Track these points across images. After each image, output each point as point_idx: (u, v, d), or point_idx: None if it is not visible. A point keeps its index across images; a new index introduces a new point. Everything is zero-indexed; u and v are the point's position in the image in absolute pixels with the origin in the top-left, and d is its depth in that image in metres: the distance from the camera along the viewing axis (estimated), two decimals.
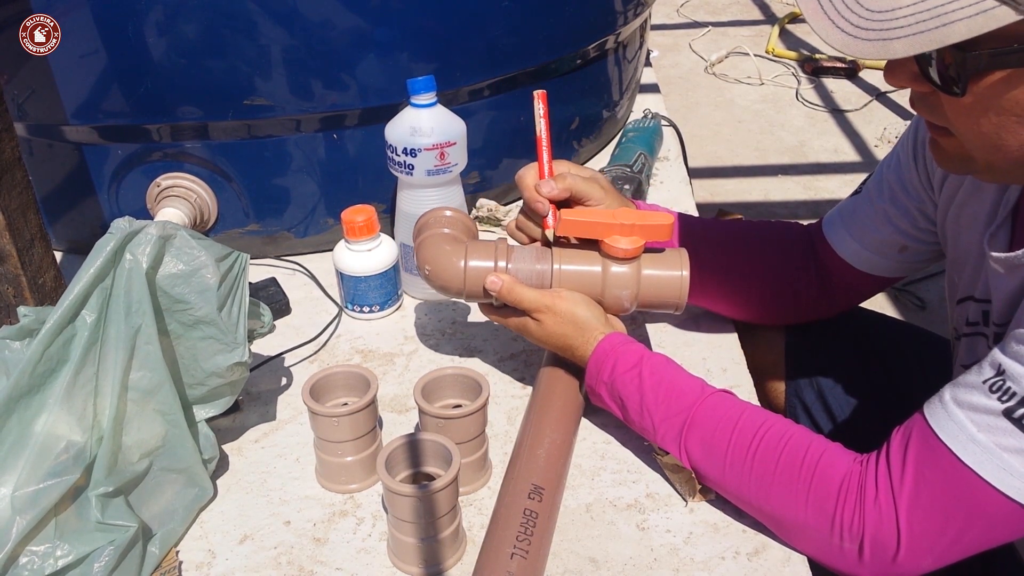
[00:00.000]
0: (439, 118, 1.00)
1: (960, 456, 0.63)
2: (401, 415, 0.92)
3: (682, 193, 1.31)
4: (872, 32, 0.55)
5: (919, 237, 0.87)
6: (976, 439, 0.62)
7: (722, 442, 0.73)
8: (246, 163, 1.09)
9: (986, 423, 0.62)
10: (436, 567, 0.72)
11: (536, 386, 0.87)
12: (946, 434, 0.64)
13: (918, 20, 0.53)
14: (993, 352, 0.64)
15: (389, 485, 0.69)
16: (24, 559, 0.66)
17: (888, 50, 0.54)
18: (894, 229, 0.88)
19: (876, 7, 0.55)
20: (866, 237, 0.90)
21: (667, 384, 0.78)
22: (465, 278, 0.86)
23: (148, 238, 0.73)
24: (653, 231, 0.85)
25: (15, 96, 1.04)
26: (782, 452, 0.71)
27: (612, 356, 0.81)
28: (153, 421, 0.74)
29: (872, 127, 2.90)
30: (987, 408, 0.62)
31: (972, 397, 0.63)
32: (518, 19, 1.12)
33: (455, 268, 0.86)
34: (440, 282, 0.87)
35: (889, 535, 0.65)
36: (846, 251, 0.91)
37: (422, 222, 0.92)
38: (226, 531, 0.78)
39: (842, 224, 0.92)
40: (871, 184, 0.90)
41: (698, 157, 2.69)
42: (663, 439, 0.77)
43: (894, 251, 0.89)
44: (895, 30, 0.54)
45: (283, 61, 1.01)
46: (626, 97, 1.47)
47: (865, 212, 0.90)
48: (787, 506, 0.70)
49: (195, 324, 0.75)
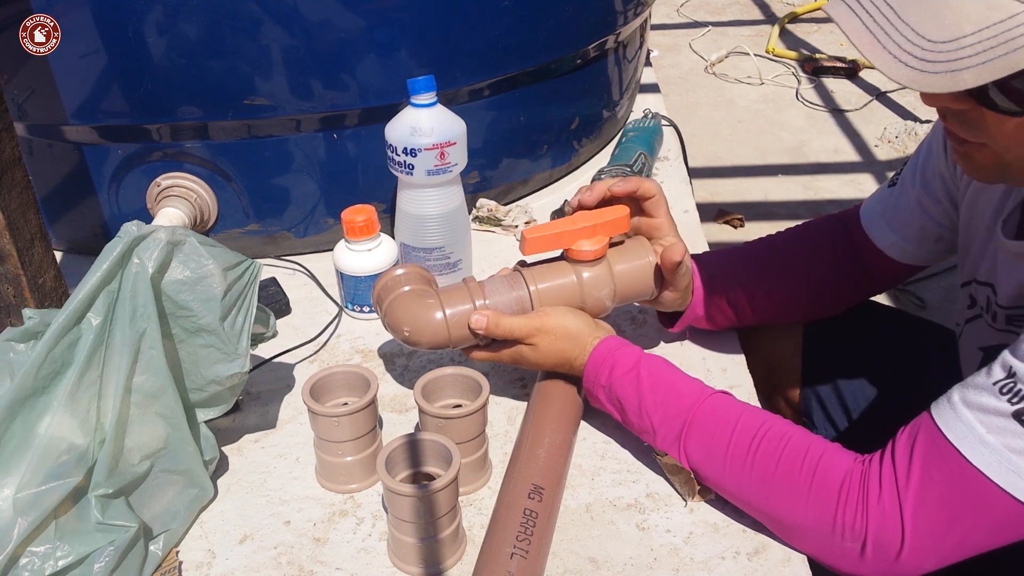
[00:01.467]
0: (439, 118, 1.00)
1: (968, 457, 0.63)
2: (401, 415, 0.92)
3: (682, 193, 1.31)
4: (939, 64, 0.53)
5: (951, 226, 0.88)
6: (985, 440, 0.62)
7: (722, 443, 0.74)
8: (246, 163, 1.10)
9: (995, 425, 0.62)
10: (436, 567, 0.72)
11: (536, 386, 0.87)
12: (954, 435, 0.64)
13: (985, 48, 0.52)
14: (1003, 354, 0.63)
15: (389, 485, 0.69)
16: (24, 560, 0.66)
17: (958, 81, 0.53)
18: (929, 219, 0.89)
19: (938, 37, 0.53)
20: (905, 229, 0.91)
21: (665, 386, 0.78)
22: (448, 327, 0.84)
23: (156, 243, 0.73)
24: (614, 226, 0.86)
25: (15, 96, 1.04)
26: (782, 453, 0.71)
27: (609, 360, 0.81)
28: (155, 424, 0.74)
29: (872, 127, 2.90)
30: (997, 410, 0.62)
31: (981, 398, 0.63)
32: (518, 19, 1.12)
33: (435, 322, 0.84)
34: (424, 339, 0.84)
35: (893, 534, 0.65)
36: (885, 243, 0.92)
37: (378, 292, 0.88)
38: (226, 531, 0.78)
39: (882, 217, 0.93)
40: (906, 175, 0.92)
41: (698, 157, 2.69)
42: (663, 441, 0.77)
43: (931, 241, 0.90)
44: (962, 60, 0.53)
45: (283, 61, 1.01)
46: (626, 97, 1.47)
47: (902, 204, 0.91)
48: (788, 506, 0.70)
49: (197, 331, 0.76)
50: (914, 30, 0.54)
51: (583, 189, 0.88)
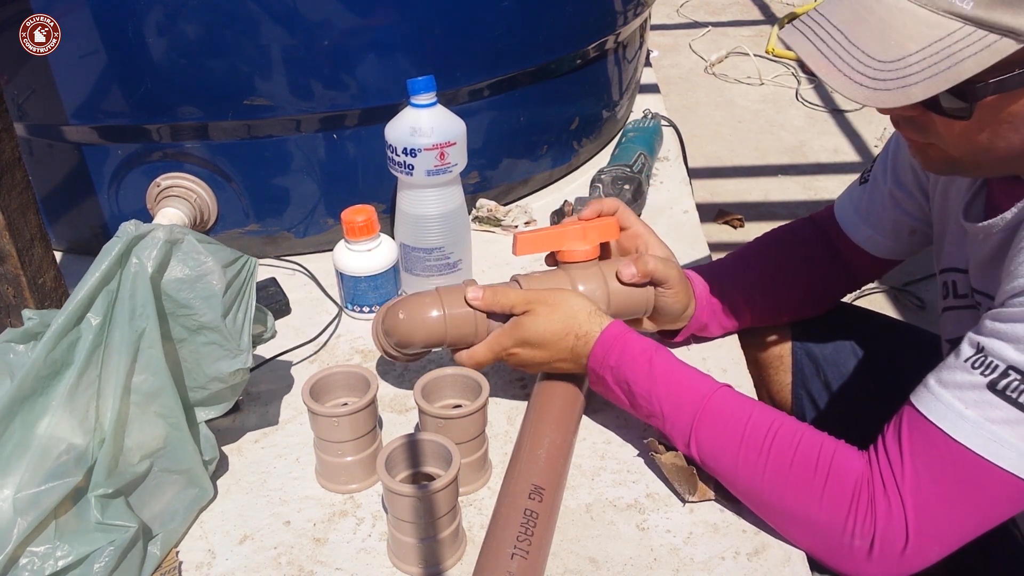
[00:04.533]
0: (439, 118, 1.00)
1: (951, 434, 0.64)
2: (401, 415, 0.92)
3: (682, 193, 1.31)
4: (891, 82, 0.58)
5: (924, 218, 0.90)
6: (964, 415, 0.64)
7: (734, 438, 0.74)
8: (246, 163, 1.09)
9: (972, 399, 0.63)
10: (436, 567, 0.72)
11: (536, 386, 0.87)
12: (935, 415, 0.65)
13: (929, 64, 0.57)
14: (968, 335, 0.66)
15: (389, 485, 0.69)
16: (24, 560, 0.66)
17: (908, 96, 0.58)
18: (902, 212, 0.91)
19: (886, 57, 0.58)
20: (880, 223, 0.93)
21: (678, 374, 0.79)
22: (443, 303, 0.83)
23: (155, 242, 0.73)
24: (603, 229, 0.88)
25: (15, 96, 1.04)
26: (796, 451, 0.71)
27: (620, 341, 0.80)
28: (154, 424, 0.74)
29: (872, 127, 2.90)
30: (971, 384, 0.64)
31: (955, 376, 0.65)
32: (518, 19, 1.12)
33: (430, 301, 0.83)
34: (416, 324, 0.83)
35: (898, 529, 0.66)
36: (861, 238, 0.95)
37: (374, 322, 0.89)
38: (226, 531, 0.78)
39: (855, 212, 0.95)
40: (877, 170, 0.93)
41: (698, 157, 2.69)
42: (671, 427, 0.77)
43: (905, 234, 0.92)
44: (910, 76, 0.58)
45: (283, 61, 1.01)
46: (626, 97, 1.47)
47: (875, 199, 0.93)
48: (801, 504, 0.71)
49: (199, 329, 0.75)
50: (864, 52, 0.59)
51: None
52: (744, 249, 1.03)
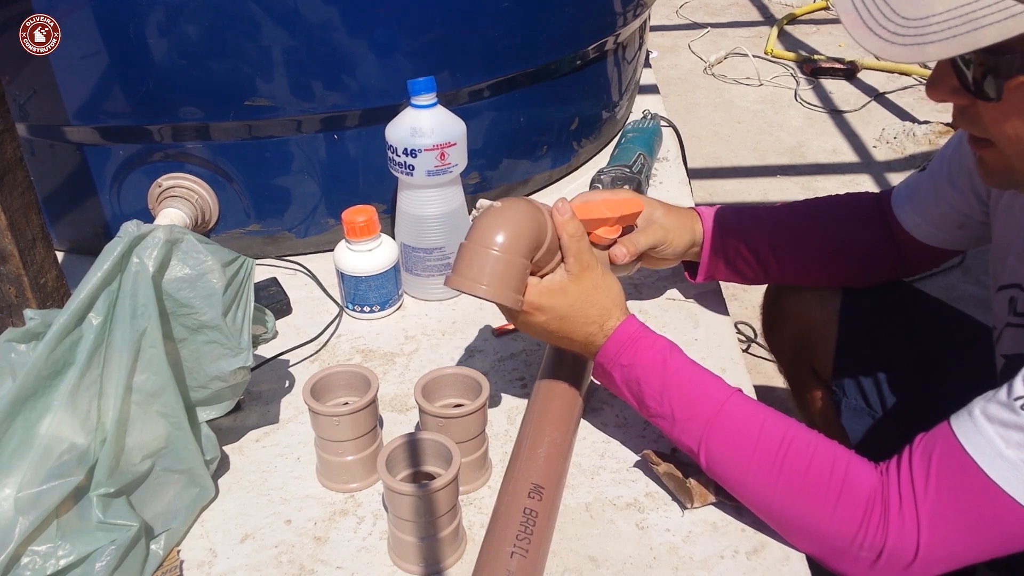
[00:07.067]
0: (439, 119, 1.00)
1: (986, 470, 0.64)
2: (401, 414, 0.92)
3: (681, 193, 1.31)
4: (908, 38, 0.58)
5: (975, 217, 0.91)
6: (1004, 455, 0.63)
7: (747, 447, 0.73)
8: (247, 163, 1.10)
9: (1016, 440, 0.63)
10: (436, 566, 0.73)
11: (536, 386, 0.87)
12: (973, 447, 0.64)
13: (951, 26, 0.56)
14: (1022, 372, 0.64)
15: (389, 484, 0.69)
16: (26, 559, 0.67)
17: (923, 54, 0.57)
18: (951, 208, 0.92)
19: (911, 15, 0.58)
20: (928, 212, 0.94)
21: (694, 377, 0.78)
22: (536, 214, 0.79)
23: (155, 242, 0.73)
24: (627, 218, 0.92)
25: (17, 97, 1.04)
26: (810, 463, 0.71)
27: (633, 339, 0.80)
28: (156, 423, 0.75)
29: (870, 128, 2.90)
30: (1017, 425, 0.63)
31: (1003, 414, 0.64)
32: (518, 20, 1.12)
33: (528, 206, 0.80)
34: (511, 212, 0.78)
35: (908, 545, 0.66)
36: (910, 224, 0.96)
37: None
38: (227, 530, 0.78)
39: (907, 198, 0.97)
40: (934, 163, 0.95)
41: (697, 158, 2.69)
42: (681, 430, 0.76)
43: (953, 227, 0.93)
44: (929, 35, 0.57)
45: (284, 62, 1.02)
46: (625, 98, 1.47)
47: (926, 189, 0.95)
48: (813, 516, 0.71)
49: (200, 328, 0.76)
50: (893, 9, 0.59)
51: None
52: (795, 203, 1.05)
